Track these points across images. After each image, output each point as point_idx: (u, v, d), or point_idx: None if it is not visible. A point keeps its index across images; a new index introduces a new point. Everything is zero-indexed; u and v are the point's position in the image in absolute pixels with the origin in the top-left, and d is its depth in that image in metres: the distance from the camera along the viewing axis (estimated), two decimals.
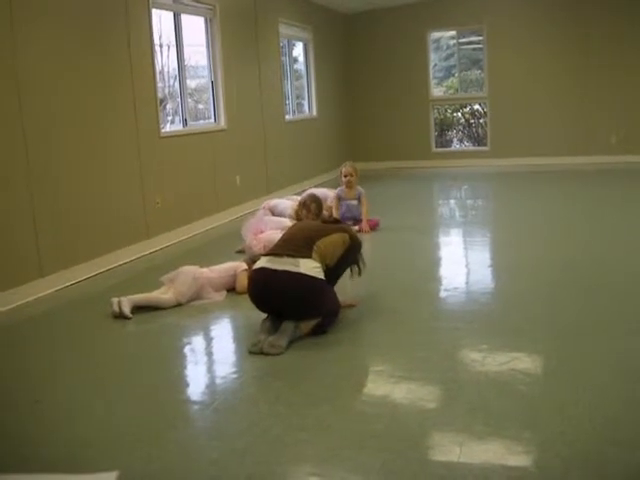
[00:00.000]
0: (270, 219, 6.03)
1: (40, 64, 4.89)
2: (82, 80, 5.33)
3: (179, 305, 4.33)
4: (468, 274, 4.98)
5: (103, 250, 5.47)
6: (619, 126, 10.52)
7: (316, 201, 4.93)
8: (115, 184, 5.70)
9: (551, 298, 4.14)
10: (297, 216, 5.42)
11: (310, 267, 3.55)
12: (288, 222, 5.69)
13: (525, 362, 3.15)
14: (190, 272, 4.46)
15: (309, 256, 3.58)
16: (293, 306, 3.56)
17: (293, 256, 3.58)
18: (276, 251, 3.68)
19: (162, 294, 4.38)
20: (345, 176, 6.56)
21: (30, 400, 3.07)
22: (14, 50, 4.64)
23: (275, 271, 3.56)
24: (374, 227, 6.46)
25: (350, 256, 3.88)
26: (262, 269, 3.63)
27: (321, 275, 3.61)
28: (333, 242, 3.76)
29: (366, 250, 4.16)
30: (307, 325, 3.58)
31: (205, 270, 4.58)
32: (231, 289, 4.58)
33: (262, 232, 5.42)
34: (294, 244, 3.67)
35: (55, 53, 5.05)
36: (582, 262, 4.91)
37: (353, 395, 2.98)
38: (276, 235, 4.72)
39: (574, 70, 10.69)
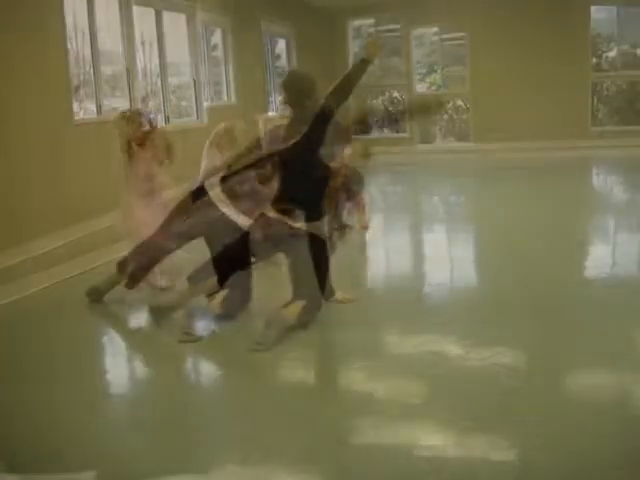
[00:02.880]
0: None
1: None
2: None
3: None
4: (451, 270, 5.00)
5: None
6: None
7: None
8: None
9: (534, 292, 4.15)
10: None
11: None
12: None
13: (508, 356, 3.16)
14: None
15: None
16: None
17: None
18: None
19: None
20: None
21: None
22: None
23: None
24: None
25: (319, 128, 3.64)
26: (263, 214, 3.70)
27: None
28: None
29: (349, 248, 4.13)
30: (292, 312, 3.52)
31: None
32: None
33: None
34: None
35: None
36: (563, 255, 4.94)
37: (335, 392, 2.98)
38: None
39: (554, 65, 10.76)
